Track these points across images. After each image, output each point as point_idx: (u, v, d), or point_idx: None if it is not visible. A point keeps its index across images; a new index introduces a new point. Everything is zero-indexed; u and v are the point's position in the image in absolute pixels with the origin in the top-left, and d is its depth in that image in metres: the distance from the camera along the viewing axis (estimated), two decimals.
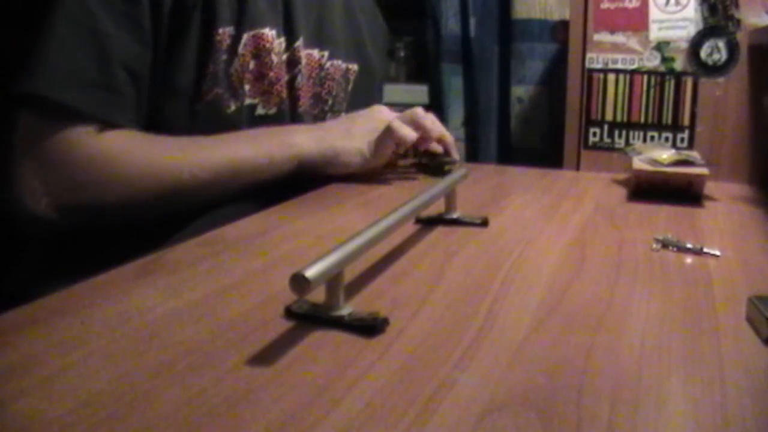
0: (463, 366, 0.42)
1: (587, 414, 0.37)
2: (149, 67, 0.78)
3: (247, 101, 0.86)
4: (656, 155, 0.91)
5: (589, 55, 1.41)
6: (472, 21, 2.08)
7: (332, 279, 0.47)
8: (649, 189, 0.89)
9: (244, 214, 0.78)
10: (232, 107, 0.84)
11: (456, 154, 1.02)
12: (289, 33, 0.90)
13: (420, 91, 2.27)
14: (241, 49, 0.83)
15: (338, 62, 1.00)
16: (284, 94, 0.90)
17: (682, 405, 0.39)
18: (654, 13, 1.35)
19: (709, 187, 0.89)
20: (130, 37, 0.75)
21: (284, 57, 0.90)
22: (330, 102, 1.00)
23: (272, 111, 0.90)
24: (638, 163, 0.91)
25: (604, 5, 1.40)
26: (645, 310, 0.52)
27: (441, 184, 0.70)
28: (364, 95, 1.06)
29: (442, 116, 2.20)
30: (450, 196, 0.74)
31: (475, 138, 2.17)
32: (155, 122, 0.79)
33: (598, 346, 0.45)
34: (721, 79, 1.29)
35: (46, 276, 0.79)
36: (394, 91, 2.27)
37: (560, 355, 0.44)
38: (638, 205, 0.85)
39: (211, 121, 0.82)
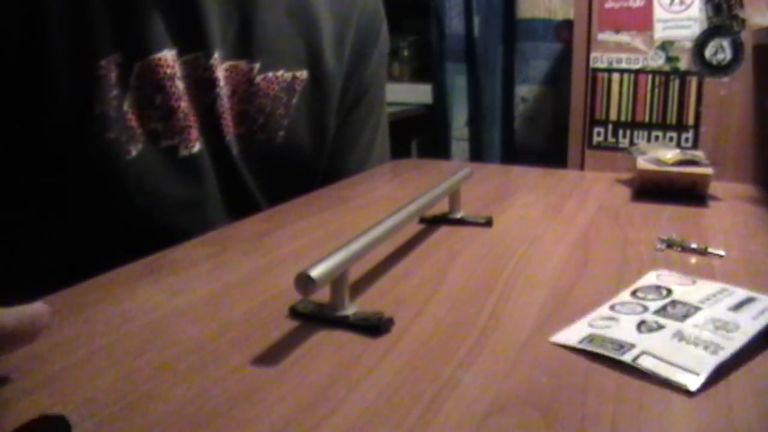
0: (467, 365, 0.42)
1: (591, 414, 0.37)
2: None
3: (164, 143, 0.72)
4: (660, 155, 0.91)
5: (593, 55, 1.41)
6: (476, 20, 2.09)
7: (337, 279, 0.47)
8: (654, 189, 0.89)
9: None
10: (134, 152, 0.69)
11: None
12: (200, 48, 0.74)
13: (423, 91, 2.28)
14: (134, 81, 0.68)
15: (278, 73, 0.83)
16: (199, 125, 0.75)
17: (685, 405, 0.39)
18: (658, 12, 1.35)
19: (714, 187, 0.89)
20: None
21: (198, 78, 0.75)
22: (260, 120, 0.83)
23: (196, 149, 0.74)
24: (642, 163, 0.90)
25: (609, 5, 1.39)
26: None
27: (445, 183, 0.70)
28: (314, 109, 0.89)
29: (446, 116, 2.20)
30: (454, 196, 0.74)
31: (479, 137, 2.17)
32: (41, 181, 0.67)
33: None
34: (725, 79, 1.29)
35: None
36: (397, 90, 2.27)
37: (564, 355, 0.44)
38: (642, 204, 0.85)
39: (107, 173, 0.67)
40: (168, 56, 0.70)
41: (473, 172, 0.78)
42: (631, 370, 0.41)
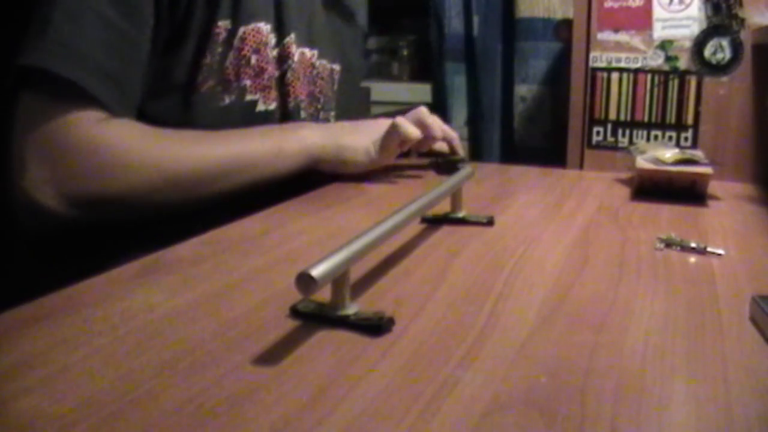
0: (466, 365, 0.42)
1: (590, 413, 0.37)
2: (148, 60, 0.78)
3: (248, 97, 0.87)
4: (660, 154, 0.91)
5: (592, 54, 1.41)
6: (476, 20, 2.08)
7: (338, 278, 0.47)
8: (653, 188, 0.89)
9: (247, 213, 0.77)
10: (226, 101, 0.84)
11: (461, 152, 1.05)
12: (281, 28, 0.90)
13: (423, 90, 2.27)
14: (237, 42, 0.83)
15: (325, 62, 1.01)
16: (277, 89, 0.92)
17: (685, 404, 0.39)
18: (658, 11, 1.35)
19: (713, 187, 0.89)
20: (133, 27, 0.75)
21: (275, 52, 0.90)
22: (322, 101, 1.01)
23: (272, 107, 0.90)
24: (642, 162, 0.90)
25: (608, 4, 1.39)
26: (648, 309, 0.52)
27: (447, 183, 0.70)
28: (348, 96, 1.08)
29: (445, 115, 2.20)
30: (456, 195, 0.74)
31: (479, 137, 2.16)
32: (149, 114, 0.79)
33: (601, 346, 0.45)
34: (725, 78, 1.29)
35: (42, 275, 0.79)
36: (397, 89, 2.27)
37: (563, 355, 0.44)
38: (642, 204, 0.85)
39: (205, 114, 0.82)
40: (264, 28, 0.87)
41: (475, 171, 0.78)
42: None
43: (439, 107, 2.22)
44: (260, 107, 0.89)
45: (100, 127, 0.73)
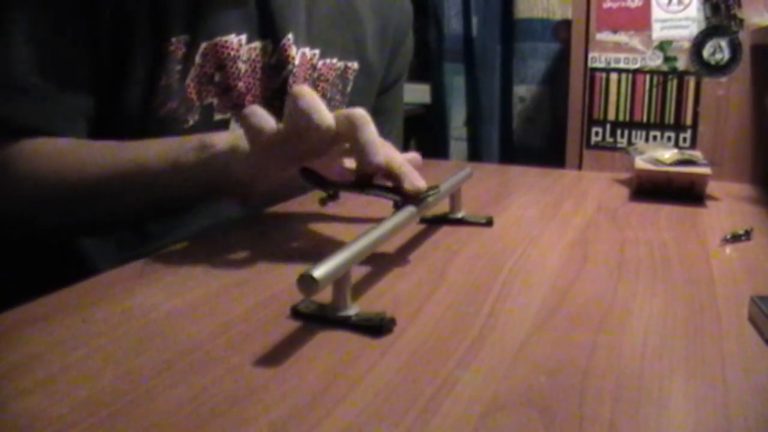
0: (465, 365, 0.42)
1: (589, 413, 0.37)
2: (90, 77, 0.72)
3: (217, 116, 0.79)
4: (659, 155, 0.91)
5: (591, 55, 1.41)
6: (475, 20, 2.09)
7: (339, 279, 0.47)
8: (652, 189, 0.89)
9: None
10: (191, 122, 0.77)
11: (412, 183, 0.63)
12: (272, 33, 0.81)
13: (422, 90, 2.27)
14: (198, 59, 0.76)
15: (333, 61, 0.91)
16: (267, 108, 0.80)
17: (684, 405, 0.39)
18: (656, 12, 1.35)
19: (712, 187, 0.89)
20: (62, 40, 0.70)
21: (266, 64, 0.81)
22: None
23: None
24: (640, 163, 0.91)
25: (607, 5, 1.40)
26: (647, 309, 0.52)
27: (446, 183, 0.70)
28: (363, 97, 0.96)
29: (444, 116, 2.20)
30: (455, 196, 0.74)
31: (477, 137, 2.17)
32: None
33: (600, 346, 0.45)
34: (723, 79, 1.29)
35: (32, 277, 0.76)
36: None
37: (562, 355, 0.44)
38: (640, 204, 0.85)
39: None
40: (234, 40, 0.78)
41: (473, 171, 0.78)
42: None
43: (438, 107, 2.23)
44: (233, 126, 0.80)
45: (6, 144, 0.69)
